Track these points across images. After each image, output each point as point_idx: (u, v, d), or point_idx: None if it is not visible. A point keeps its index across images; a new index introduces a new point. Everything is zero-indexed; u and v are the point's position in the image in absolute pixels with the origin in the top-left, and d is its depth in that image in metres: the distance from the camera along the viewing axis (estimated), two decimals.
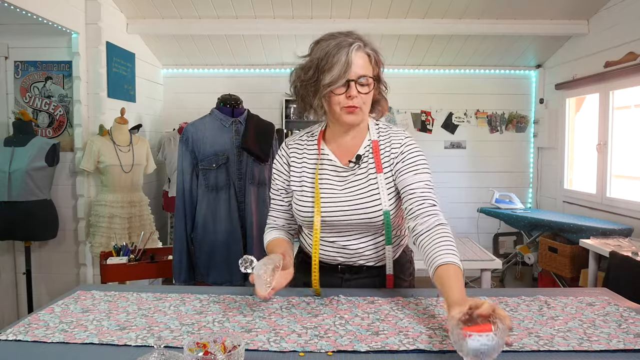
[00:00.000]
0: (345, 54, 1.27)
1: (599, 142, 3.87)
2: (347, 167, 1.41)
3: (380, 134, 1.44)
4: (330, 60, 1.27)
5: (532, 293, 1.42)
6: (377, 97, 1.40)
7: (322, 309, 1.28)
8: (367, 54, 1.32)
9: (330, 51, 1.27)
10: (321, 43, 1.32)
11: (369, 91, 1.33)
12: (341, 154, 1.42)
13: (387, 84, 1.42)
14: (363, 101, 1.32)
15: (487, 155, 5.04)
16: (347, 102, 1.31)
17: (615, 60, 3.65)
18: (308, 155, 1.45)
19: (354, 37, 1.31)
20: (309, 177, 1.42)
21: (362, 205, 1.36)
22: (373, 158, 1.40)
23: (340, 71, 1.27)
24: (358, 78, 1.29)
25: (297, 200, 1.42)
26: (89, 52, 3.46)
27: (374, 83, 1.35)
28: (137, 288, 1.48)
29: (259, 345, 1.06)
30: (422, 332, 1.12)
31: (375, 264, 1.45)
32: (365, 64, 1.31)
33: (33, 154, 3.13)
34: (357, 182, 1.39)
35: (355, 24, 4.08)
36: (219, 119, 2.28)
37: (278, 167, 1.49)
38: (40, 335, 1.13)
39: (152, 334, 1.12)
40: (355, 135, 1.42)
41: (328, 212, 1.38)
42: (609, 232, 3.35)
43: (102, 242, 3.25)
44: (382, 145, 1.42)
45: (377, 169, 1.38)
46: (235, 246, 2.25)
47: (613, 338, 1.09)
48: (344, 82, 1.28)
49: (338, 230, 1.41)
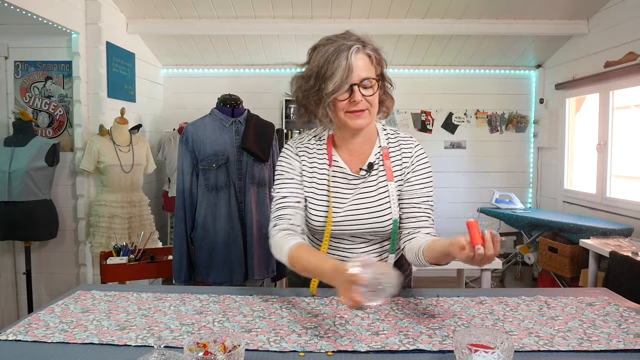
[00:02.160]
0: (345, 58, 1.23)
1: (599, 142, 3.87)
2: (357, 175, 1.37)
3: (389, 141, 1.41)
4: (330, 67, 1.23)
5: (532, 293, 1.42)
6: (382, 97, 1.36)
7: (322, 309, 1.28)
8: (368, 55, 1.29)
9: (329, 57, 1.24)
10: (319, 49, 1.28)
11: (374, 93, 1.29)
12: (351, 161, 1.39)
13: (392, 81, 1.39)
14: (370, 104, 1.29)
15: (487, 156, 5.04)
16: (352, 107, 1.27)
17: (615, 60, 3.65)
18: (318, 161, 1.40)
19: (353, 39, 1.27)
20: (320, 184, 1.37)
21: (372, 215, 1.34)
22: (384, 166, 1.38)
23: (342, 77, 1.23)
24: (361, 81, 1.26)
25: (309, 207, 1.37)
26: (89, 52, 3.46)
27: (378, 83, 1.31)
28: (137, 288, 1.48)
29: (259, 345, 1.06)
30: (422, 332, 1.12)
31: None
32: (367, 65, 1.28)
33: (33, 154, 3.13)
34: (367, 191, 1.36)
35: (355, 24, 4.09)
36: (219, 119, 2.28)
37: (289, 162, 1.40)
38: (40, 335, 1.13)
39: (152, 334, 1.12)
40: (365, 140, 1.39)
41: (337, 222, 1.35)
42: (609, 232, 3.35)
43: (102, 242, 3.25)
44: (392, 153, 1.39)
45: (388, 178, 1.36)
46: (235, 246, 2.25)
47: (613, 338, 1.09)
48: (347, 87, 1.25)
49: (345, 239, 1.40)
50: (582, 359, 1.00)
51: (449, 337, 1.09)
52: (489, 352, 0.88)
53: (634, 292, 2.50)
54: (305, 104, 1.32)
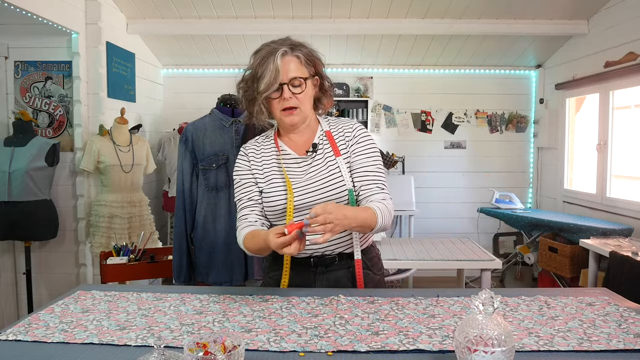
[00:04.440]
0: (272, 61, 1.39)
1: (599, 142, 3.87)
2: (305, 157, 1.50)
3: (331, 125, 1.55)
4: (261, 69, 1.40)
5: (532, 293, 1.42)
6: (317, 94, 1.51)
7: (322, 309, 1.28)
8: (297, 57, 1.43)
9: (261, 61, 1.41)
10: (257, 53, 1.45)
11: (302, 91, 1.43)
12: (296, 147, 1.52)
13: (329, 79, 1.53)
14: (300, 101, 1.43)
15: (487, 155, 5.04)
16: (283, 104, 1.42)
17: (615, 60, 3.65)
18: (266, 152, 1.54)
19: (286, 44, 1.43)
20: (273, 169, 1.49)
21: (326, 184, 1.44)
22: (329, 145, 1.50)
23: (270, 78, 1.38)
24: (290, 81, 1.40)
25: (268, 193, 1.47)
26: (89, 52, 3.46)
27: (311, 82, 1.46)
28: (137, 288, 1.48)
29: (259, 345, 1.06)
30: (422, 332, 1.13)
31: (345, 249, 1.49)
32: (296, 66, 1.42)
33: (33, 154, 3.13)
34: (317, 167, 1.48)
35: (355, 24, 4.10)
36: (218, 119, 2.28)
37: (241, 166, 1.53)
38: (40, 335, 1.13)
39: (152, 334, 1.12)
40: (306, 130, 1.53)
41: (296, 196, 1.44)
42: (609, 232, 3.35)
43: (102, 242, 3.25)
44: (334, 133, 1.53)
45: (335, 154, 1.48)
46: (235, 246, 2.24)
47: (613, 338, 1.09)
48: (276, 87, 1.39)
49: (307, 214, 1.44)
50: (582, 359, 1.00)
51: (449, 337, 1.09)
52: (488, 353, 0.87)
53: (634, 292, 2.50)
54: (246, 103, 1.49)
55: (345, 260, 1.50)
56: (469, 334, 0.89)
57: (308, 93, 1.45)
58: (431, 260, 2.97)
